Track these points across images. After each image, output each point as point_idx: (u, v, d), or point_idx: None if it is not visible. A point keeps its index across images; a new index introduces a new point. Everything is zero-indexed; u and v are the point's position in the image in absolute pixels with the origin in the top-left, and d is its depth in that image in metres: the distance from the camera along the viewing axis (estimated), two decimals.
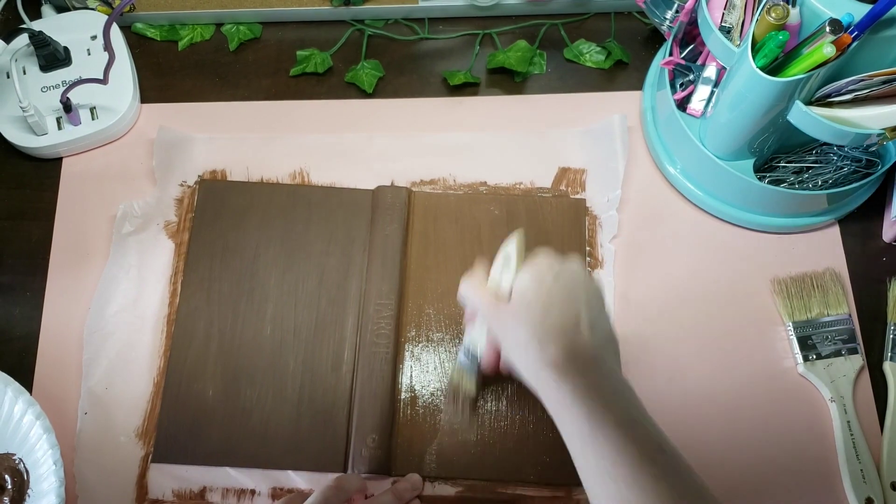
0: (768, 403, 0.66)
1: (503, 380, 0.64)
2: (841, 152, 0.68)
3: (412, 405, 0.65)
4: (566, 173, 0.73)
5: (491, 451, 0.63)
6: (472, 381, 0.63)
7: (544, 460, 0.63)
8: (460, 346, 0.62)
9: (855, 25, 0.55)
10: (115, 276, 0.68)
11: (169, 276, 0.69)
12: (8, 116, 0.73)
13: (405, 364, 0.66)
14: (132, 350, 0.67)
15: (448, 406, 0.64)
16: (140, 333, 0.67)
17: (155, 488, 0.63)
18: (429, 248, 0.70)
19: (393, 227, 0.69)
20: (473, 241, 0.70)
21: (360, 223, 0.70)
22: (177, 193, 0.72)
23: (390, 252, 0.68)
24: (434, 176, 0.73)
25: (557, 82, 0.78)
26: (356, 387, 0.65)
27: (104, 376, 0.65)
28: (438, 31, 0.80)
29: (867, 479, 0.62)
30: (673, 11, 0.70)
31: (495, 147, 0.74)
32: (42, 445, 0.61)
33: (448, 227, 0.70)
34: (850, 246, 0.71)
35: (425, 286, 0.68)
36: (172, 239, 0.70)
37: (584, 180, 0.72)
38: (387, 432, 0.63)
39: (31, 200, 0.73)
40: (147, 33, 0.79)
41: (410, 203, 0.71)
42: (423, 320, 0.67)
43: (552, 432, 0.62)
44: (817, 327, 0.67)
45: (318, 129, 0.75)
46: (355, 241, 0.70)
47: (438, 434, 0.64)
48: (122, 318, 0.67)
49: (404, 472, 0.63)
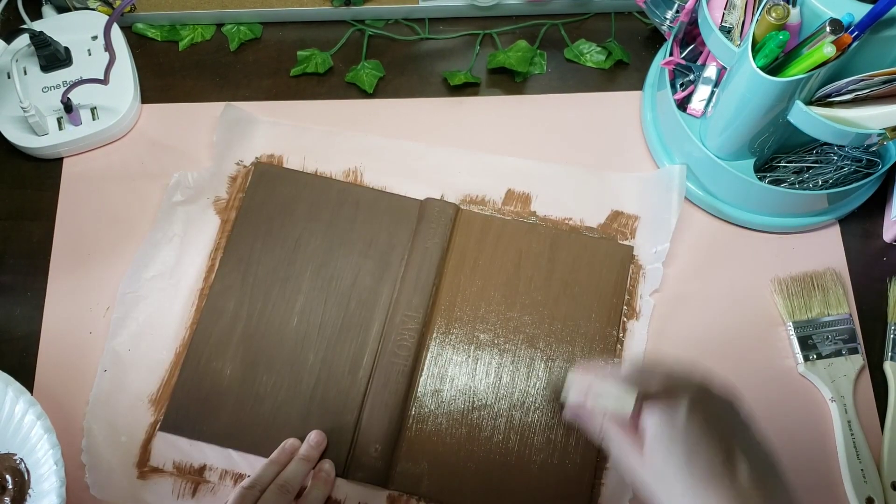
0: (769, 403, 0.66)
1: (513, 411, 0.64)
2: (841, 152, 0.69)
3: (421, 422, 0.64)
4: (618, 217, 0.71)
5: (491, 481, 0.62)
6: None
7: (547, 495, 0.62)
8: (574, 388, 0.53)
9: (855, 25, 0.55)
10: (158, 242, 0.69)
11: (210, 250, 0.69)
12: (9, 117, 0.73)
13: (421, 380, 0.65)
14: (161, 317, 0.67)
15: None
16: (172, 302, 0.68)
17: (157, 456, 0.63)
18: (465, 268, 0.69)
19: (434, 241, 0.69)
20: (511, 269, 0.69)
21: (403, 231, 0.70)
22: (232, 171, 0.72)
23: (427, 265, 0.68)
24: (485, 196, 0.72)
25: (558, 82, 0.78)
26: (369, 394, 0.64)
27: (129, 338, 0.66)
28: (439, 31, 0.80)
29: (868, 479, 0.62)
30: (673, 11, 0.70)
31: (551, 178, 0.72)
32: (43, 445, 0.61)
33: (488, 251, 0.69)
34: (850, 246, 0.71)
35: (454, 306, 0.68)
36: (220, 215, 0.71)
37: (636, 227, 0.71)
38: (391, 444, 0.63)
39: (32, 200, 0.73)
40: (148, 33, 0.79)
41: (456, 220, 0.70)
42: (448, 340, 0.67)
43: (554, 467, 0.62)
44: (818, 327, 0.67)
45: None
46: (395, 249, 0.69)
47: (441, 455, 0.63)
48: (157, 284, 0.68)
49: (401, 487, 0.62)
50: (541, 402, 0.65)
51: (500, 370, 0.66)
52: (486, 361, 0.66)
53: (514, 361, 0.66)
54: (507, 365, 0.66)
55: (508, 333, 0.67)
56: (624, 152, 0.74)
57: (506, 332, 0.67)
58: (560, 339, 0.66)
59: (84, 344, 0.67)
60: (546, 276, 0.68)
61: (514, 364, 0.66)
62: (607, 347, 0.66)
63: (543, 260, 0.69)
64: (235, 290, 0.68)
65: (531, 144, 0.74)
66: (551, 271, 0.68)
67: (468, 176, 0.72)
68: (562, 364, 0.66)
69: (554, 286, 0.68)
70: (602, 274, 0.68)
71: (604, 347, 0.66)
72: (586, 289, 0.68)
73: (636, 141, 0.75)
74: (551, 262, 0.69)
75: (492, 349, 0.66)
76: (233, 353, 0.66)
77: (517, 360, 0.66)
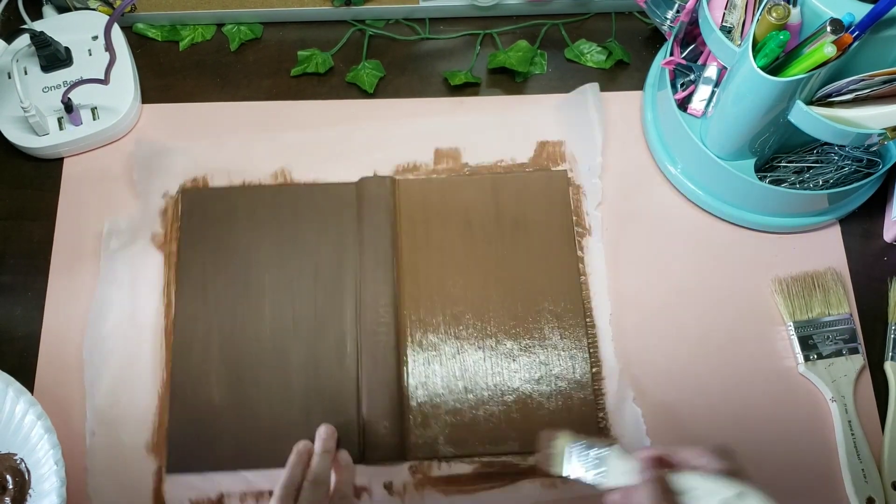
0: (769, 403, 0.66)
1: (515, 356, 0.66)
2: (842, 152, 0.69)
3: (421, 389, 0.65)
4: (545, 146, 0.74)
5: (503, 425, 0.64)
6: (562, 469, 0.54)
7: (559, 428, 0.62)
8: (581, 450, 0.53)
9: (856, 25, 0.55)
10: (109, 294, 0.68)
11: (162, 286, 0.68)
12: (9, 117, 0.73)
13: (409, 349, 0.67)
14: (134, 365, 0.66)
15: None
16: (139, 348, 0.67)
17: (172, 500, 0.62)
18: (418, 233, 0.70)
19: (381, 217, 0.70)
20: (462, 224, 0.70)
21: (348, 216, 0.70)
22: (160, 205, 0.71)
23: (381, 240, 0.69)
24: (416, 161, 0.73)
25: (558, 82, 0.78)
26: (362, 377, 0.65)
27: (108, 394, 0.65)
28: (439, 31, 0.80)
29: (868, 479, 0.62)
30: (674, 11, 0.70)
31: (473, 127, 0.74)
32: (43, 445, 0.61)
33: (436, 212, 0.71)
34: (851, 245, 0.71)
35: (418, 270, 0.69)
36: (161, 250, 0.70)
37: (564, 152, 0.73)
38: (398, 418, 0.64)
39: (33, 200, 0.73)
40: (148, 33, 0.79)
41: (395, 191, 0.71)
42: (422, 304, 0.68)
43: (564, 401, 0.65)
44: (818, 327, 0.67)
45: (318, 128, 0.75)
46: (346, 234, 0.70)
47: (448, 414, 0.64)
48: (120, 335, 0.67)
49: (419, 455, 0.63)
50: (525, 335, 0.67)
51: (485, 315, 0.67)
52: (464, 313, 0.67)
53: (494, 306, 0.68)
54: (488, 310, 0.67)
55: (478, 281, 0.68)
56: (624, 152, 0.74)
57: (475, 281, 0.68)
58: (528, 269, 0.69)
59: (84, 364, 0.66)
60: (496, 220, 0.70)
61: (494, 308, 0.68)
62: (571, 269, 0.69)
63: (489, 206, 0.71)
64: (200, 318, 0.67)
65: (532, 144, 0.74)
66: (499, 215, 0.71)
67: (394, 147, 0.74)
68: (539, 298, 0.68)
69: (506, 229, 0.70)
70: (546, 203, 0.71)
71: (570, 270, 0.68)
72: (537, 222, 0.70)
73: (637, 141, 0.75)
74: (497, 207, 0.71)
75: (465, 300, 0.68)
76: (216, 377, 0.65)
77: (493, 306, 0.68)
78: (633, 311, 0.68)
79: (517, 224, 0.70)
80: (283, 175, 0.73)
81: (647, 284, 0.69)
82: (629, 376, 0.66)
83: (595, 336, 0.67)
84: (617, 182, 0.72)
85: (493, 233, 0.70)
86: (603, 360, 0.66)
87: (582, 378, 0.65)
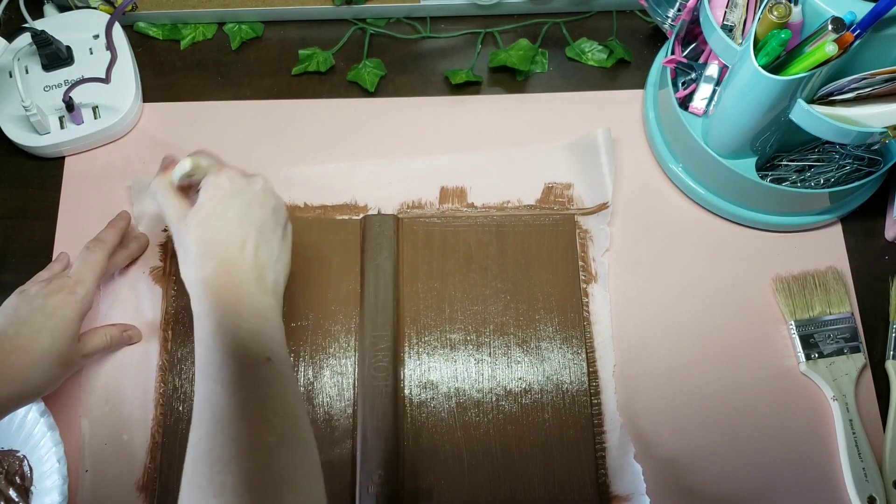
0: (770, 402, 0.66)
1: (501, 401, 0.64)
2: (843, 151, 0.68)
3: (416, 437, 0.64)
4: (553, 188, 0.72)
5: (498, 472, 0.63)
6: None
7: (556, 479, 0.63)
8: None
9: (857, 24, 0.55)
10: (109, 316, 0.67)
11: (159, 322, 0.67)
12: (10, 115, 0.73)
13: (406, 395, 0.65)
14: (127, 403, 0.65)
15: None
16: (134, 382, 0.65)
17: None
18: (420, 274, 0.69)
19: (383, 257, 0.68)
20: (465, 265, 0.69)
21: (351, 253, 0.69)
22: (160, 238, 0.70)
23: (382, 282, 0.67)
24: (421, 199, 0.72)
25: (559, 81, 0.78)
26: (359, 422, 0.63)
27: (101, 432, 0.64)
28: (440, 29, 0.80)
29: (869, 478, 0.62)
30: (675, 10, 0.70)
31: (479, 167, 0.73)
32: (46, 443, 0.61)
33: (438, 253, 0.69)
34: (852, 244, 0.71)
35: (419, 314, 0.67)
36: (159, 284, 0.69)
37: (572, 194, 0.72)
38: (392, 467, 0.62)
39: (34, 199, 0.73)
40: (149, 32, 0.79)
41: (399, 231, 0.70)
42: (422, 348, 0.66)
43: (564, 451, 0.63)
44: (819, 326, 0.67)
45: (319, 128, 0.75)
46: (347, 272, 0.68)
47: (443, 462, 0.63)
48: (115, 373, 0.66)
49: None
50: (525, 385, 0.65)
51: (480, 365, 0.66)
52: (463, 360, 0.66)
53: (491, 353, 0.66)
54: (484, 358, 0.66)
55: (478, 327, 0.67)
56: (625, 151, 0.74)
57: (475, 326, 0.67)
58: (529, 319, 0.67)
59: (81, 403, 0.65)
60: (499, 262, 0.69)
61: (492, 356, 0.66)
62: (576, 315, 0.67)
63: (493, 248, 0.69)
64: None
65: (532, 143, 0.74)
66: (503, 257, 0.69)
67: (399, 184, 0.72)
68: (536, 343, 0.66)
69: (509, 270, 0.69)
70: (551, 246, 0.69)
71: (573, 316, 0.67)
72: (541, 265, 0.69)
73: (638, 140, 0.75)
74: (501, 248, 0.69)
75: (466, 346, 0.66)
76: None
77: (493, 351, 0.66)
78: (634, 310, 0.68)
79: (521, 266, 0.68)
80: (287, 209, 0.70)
81: (647, 284, 0.69)
82: (629, 377, 0.66)
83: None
84: (617, 181, 0.72)
85: (497, 275, 0.68)
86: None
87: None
